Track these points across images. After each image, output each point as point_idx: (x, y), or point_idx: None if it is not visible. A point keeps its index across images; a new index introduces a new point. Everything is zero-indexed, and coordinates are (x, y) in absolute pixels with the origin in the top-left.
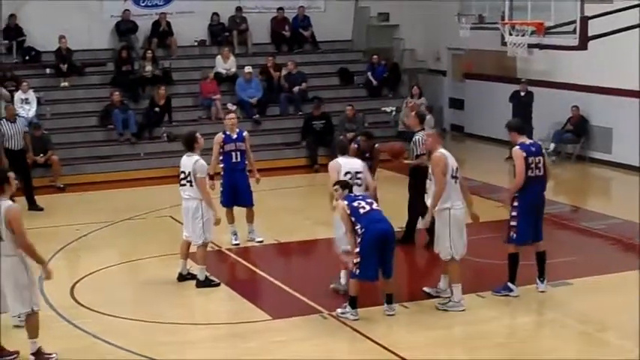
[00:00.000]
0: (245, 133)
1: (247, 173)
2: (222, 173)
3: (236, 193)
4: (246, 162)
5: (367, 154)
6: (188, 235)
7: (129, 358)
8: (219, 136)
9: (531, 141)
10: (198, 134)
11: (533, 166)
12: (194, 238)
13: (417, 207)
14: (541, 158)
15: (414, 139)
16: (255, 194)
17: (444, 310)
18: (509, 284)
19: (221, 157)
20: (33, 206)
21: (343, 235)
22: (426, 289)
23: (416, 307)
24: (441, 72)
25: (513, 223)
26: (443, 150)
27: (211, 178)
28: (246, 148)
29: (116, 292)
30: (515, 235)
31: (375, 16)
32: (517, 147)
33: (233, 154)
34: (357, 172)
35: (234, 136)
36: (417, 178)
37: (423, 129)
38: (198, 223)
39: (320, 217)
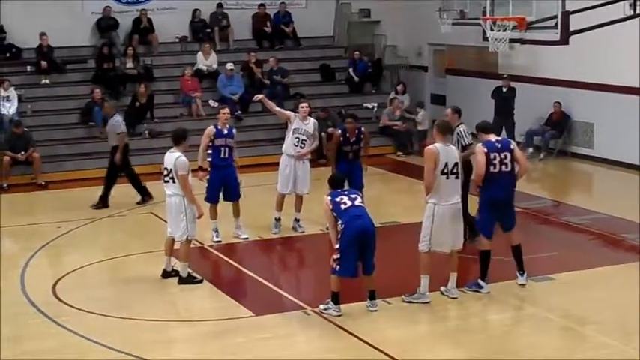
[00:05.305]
0: (234, 131)
1: (234, 169)
2: (209, 169)
3: (225, 189)
4: (234, 158)
5: (354, 139)
6: (172, 232)
7: (112, 357)
8: (211, 129)
9: (498, 138)
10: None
11: (496, 162)
12: (177, 235)
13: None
14: (507, 154)
15: (456, 131)
16: None
17: (409, 302)
18: (480, 281)
19: (209, 152)
20: None
21: None
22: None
23: (398, 302)
24: (422, 68)
25: (477, 216)
26: (439, 144)
27: (202, 169)
28: (234, 146)
29: (99, 290)
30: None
31: (356, 12)
32: (480, 144)
33: (222, 149)
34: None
35: (225, 131)
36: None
37: (462, 123)
38: (182, 219)
39: (302, 213)
